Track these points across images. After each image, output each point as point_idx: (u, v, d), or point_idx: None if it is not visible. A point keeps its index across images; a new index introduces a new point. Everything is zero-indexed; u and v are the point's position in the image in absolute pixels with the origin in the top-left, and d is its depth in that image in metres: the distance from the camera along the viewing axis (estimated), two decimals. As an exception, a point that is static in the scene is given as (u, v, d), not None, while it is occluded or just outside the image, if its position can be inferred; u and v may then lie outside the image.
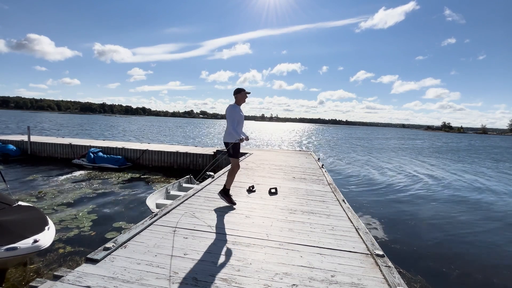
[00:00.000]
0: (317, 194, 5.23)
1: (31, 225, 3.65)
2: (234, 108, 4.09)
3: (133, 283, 2.13)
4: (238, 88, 4.18)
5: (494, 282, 4.42)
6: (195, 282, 2.19)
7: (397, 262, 4.36)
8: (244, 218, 3.74)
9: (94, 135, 27.74)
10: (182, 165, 11.48)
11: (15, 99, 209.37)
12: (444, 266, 4.78)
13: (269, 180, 6.27)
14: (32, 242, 3.36)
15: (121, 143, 13.94)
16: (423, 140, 56.50)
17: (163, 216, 3.59)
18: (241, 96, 4.15)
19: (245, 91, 4.16)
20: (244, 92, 4.16)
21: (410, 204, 8.59)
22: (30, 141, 12.81)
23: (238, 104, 4.17)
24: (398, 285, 2.25)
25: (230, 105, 4.13)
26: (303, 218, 3.84)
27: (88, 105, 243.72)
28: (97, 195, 7.59)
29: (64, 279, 2.11)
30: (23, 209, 4.03)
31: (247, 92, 4.18)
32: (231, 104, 4.15)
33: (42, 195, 7.33)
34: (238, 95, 4.14)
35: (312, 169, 8.07)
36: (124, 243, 2.76)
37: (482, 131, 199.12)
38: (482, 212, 8.19)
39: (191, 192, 4.82)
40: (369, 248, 2.92)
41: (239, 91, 4.14)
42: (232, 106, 4.10)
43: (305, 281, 2.29)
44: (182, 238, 3.01)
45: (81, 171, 10.52)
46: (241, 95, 4.14)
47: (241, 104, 4.20)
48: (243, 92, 4.15)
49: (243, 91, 4.15)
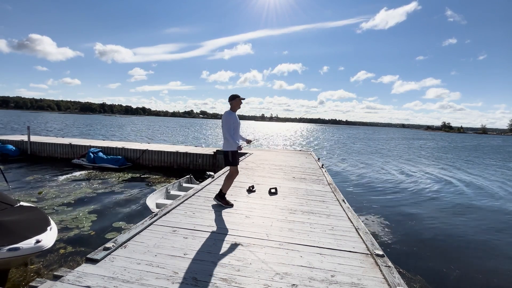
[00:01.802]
0: (317, 194, 5.23)
1: (33, 226, 3.64)
2: (230, 115, 4.08)
3: (133, 283, 2.13)
4: (233, 95, 4.17)
5: (494, 282, 4.42)
6: (195, 282, 2.19)
7: (397, 262, 4.36)
8: (244, 218, 3.74)
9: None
10: (182, 165, 11.47)
11: (15, 99, 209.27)
12: (444, 266, 4.77)
13: (269, 180, 6.28)
14: (35, 243, 3.36)
15: (121, 143, 13.93)
16: (424, 140, 56.51)
17: (163, 216, 3.60)
18: (236, 103, 4.14)
19: (240, 97, 4.16)
20: (239, 98, 4.16)
21: (410, 204, 8.59)
22: (30, 141, 12.80)
23: (234, 111, 4.16)
24: (398, 285, 2.25)
25: (226, 112, 4.11)
26: (303, 218, 3.84)
27: (88, 105, 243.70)
28: (97, 195, 7.59)
29: (64, 279, 2.12)
30: (25, 209, 4.02)
31: (242, 98, 4.18)
32: (227, 111, 4.13)
33: (42, 195, 7.32)
34: (233, 101, 4.14)
35: (312, 169, 8.07)
36: (124, 243, 2.76)
37: (482, 131, 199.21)
38: (482, 212, 8.19)
39: (191, 192, 4.82)
40: (369, 248, 2.93)
41: (234, 97, 4.14)
42: (228, 113, 4.09)
43: (305, 281, 2.29)
44: (182, 238, 3.01)
45: (81, 171, 10.51)
46: (236, 101, 4.14)
47: (236, 110, 4.20)
48: (237, 98, 4.15)
49: (238, 97, 4.15)
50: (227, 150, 4.10)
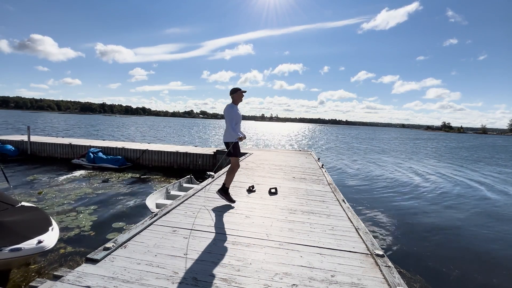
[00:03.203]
0: (317, 194, 5.23)
1: (35, 226, 3.63)
2: (232, 108, 4.14)
3: (133, 283, 2.13)
4: (234, 88, 4.21)
5: (494, 282, 4.42)
6: (195, 282, 2.19)
7: (397, 262, 4.37)
8: (244, 218, 3.74)
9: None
10: (182, 165, 11.48)
11: (15, 99, 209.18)
12: (444, 266, 4.78)
13: (269, 180, 6.27)
14: (37, 243, 3.35)
15: (121, 143, 13.93)
16: (424, 140, 56.49)
17: (163, 216, 3.59)
18: (237, 96, 4.18)
19: (241, 90, 4.21)
20: (241, 92, 4.20)
21: (410, 204, 8.59)
22: (30, 141, 12.80)
23: (235, 104, 4.21)
24: (398, 285, 2.25)
25: (228, 105, 4.18)
26: (303, 218, 3.84)
27: (88, 105, 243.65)
28: (97, 195, 7.59)
29: (64, 279, 2.12)
30: (26, 209, 4.01)
31: (243, 91, 4.22)
32: (229, 104, 4.19)
33: (42, 195, 7.33)
34: (235, 94, 4.18)
35: (312, 169, 8.07)
36: (124, 243, 2.76)
37: (482, 131, 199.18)
38: (483, 212, 8.19)
39: (191, 192, 4.82)
40: (369, 248, 2.92)
41: (235, 90, 4.18)
42: (230, 106, 4.16)
43: (305, 281, 2.29)
44: (182, 238, 3.01)
45: (81, 171, 10.52)
46: (237, 94, 4.18)
47: (238, 103, 4.25)
48: (239, 91, 4.19)
49: (239, 90, 4.19)
50: (228, 141, 4.19)
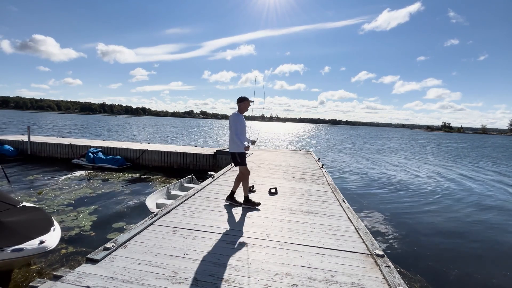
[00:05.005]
0: (317, 194, 5.23)
1: (36, 226, 3.62)
2: (237, 116, 4.10)
3: (133, 283, 2.13)
4: (241, 97, 4.18)
5: (494, 282, 4.41)
6: (195, 282, 2.19)
7: (397, 262, 4.37)
8: (244, 218, 3.75)
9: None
10: (182, 165, 11.47)
11: (15, 99, 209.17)
12: (444, 266, 4.77)
13: (269, 180, 6.28)
14: (38, 243, 3.34)
15: (121, 143, 13.92)
16: (424, 140, 56.50)
17: (163, 216, 3.60)
18: (244, 105, 4.16)
19: (249, 100, 4.18)
20: (248, 101, 4.17)
21: (410, 204, 8.59)
22: (30, 141, 12.79)
23: (241, 113, 4.18)
24: (398, 285, 2.25)
25: (234, 114, 4.13)
26: (303, 218, 3.84)
27: (88, 105, 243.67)
28: (97, 195, 7.59)
29: (64, 279, 2.12)
30: (28, 210, 4.01)
31: (250, 101, 4.19)
32: (235, 113, 4.15)
33: (42, 195, 7.33)
34: (242, 103, 4.15)
35: (312, 169, 8.07)
36: (124, 243, 2.76)
37: (482, 131, 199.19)
38: (483, 212, 8.19)
39: (191, 192, 4.82)
40: (369, 248, 2.93)
41: (243, 99, 4.15)
42: (235, 115, 4.10)
43: (305, 281, 2.29)
44: (182, 238, 3.01)
45: (81, 171, 10.51)
46: (244, 103, 4.15)
47: (244, 112, 4.21)
48: (246, 101, 4.16)
49: (247, 100, 4.16)
50: (234, 152, 4.13)
